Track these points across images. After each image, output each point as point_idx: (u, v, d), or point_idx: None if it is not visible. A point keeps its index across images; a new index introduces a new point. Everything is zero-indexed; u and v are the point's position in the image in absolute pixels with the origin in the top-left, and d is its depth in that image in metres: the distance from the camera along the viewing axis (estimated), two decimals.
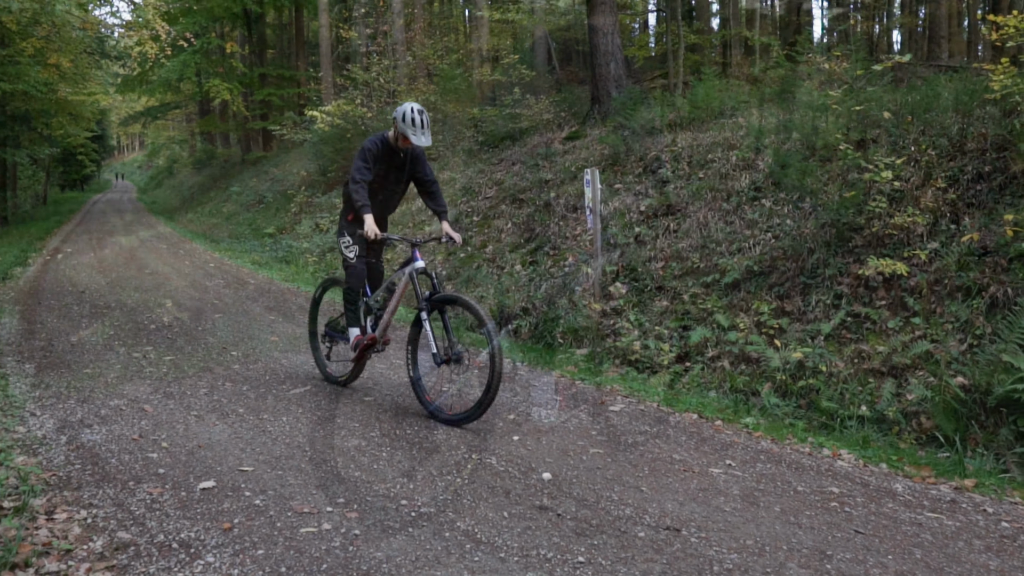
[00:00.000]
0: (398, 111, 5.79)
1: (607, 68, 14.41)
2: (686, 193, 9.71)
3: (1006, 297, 6.20)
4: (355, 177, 5.81)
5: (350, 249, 6.17)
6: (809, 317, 7.11)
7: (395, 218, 14.20)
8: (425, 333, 5.69)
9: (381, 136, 6.02)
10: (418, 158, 6.19)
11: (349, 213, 6.19)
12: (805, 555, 3.67)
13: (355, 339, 6.18)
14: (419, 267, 5.83)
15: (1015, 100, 7.80)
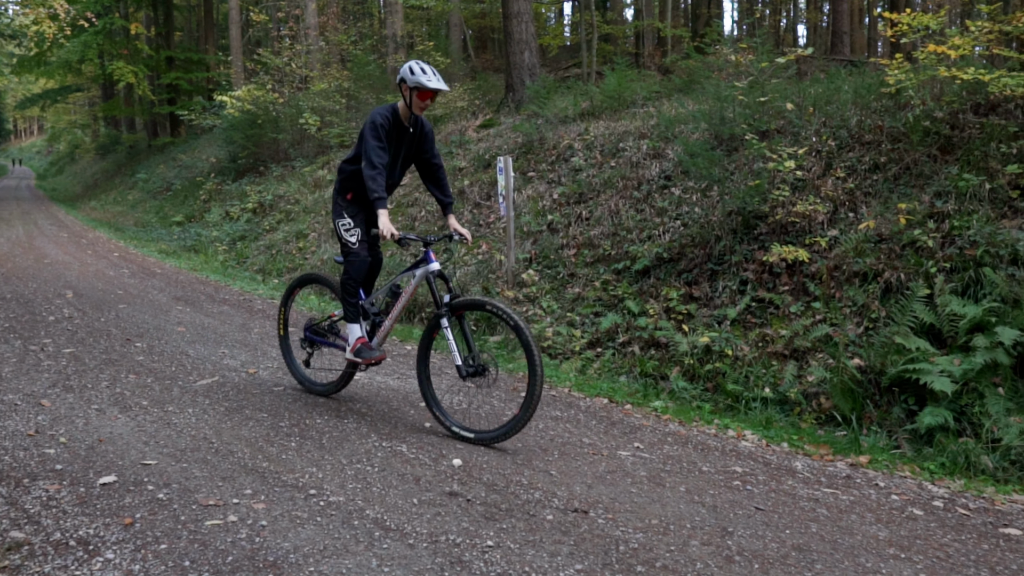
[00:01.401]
0: (402, 70, 5.04)
1: (521, 56, 14.45)
2: (598, 181, 9.83)
3: (899, 282, 6.47)
4: (371, 160, 4.96)
5: (351, 232, 5.34)
6: (716, 303, 7.30)
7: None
8: (448, 344, 5.04)
9: (391, 107, 5.17)
10: (427, 135, 5.41)
11: (348, 191, 5.42)
12: (707, 532, 3.78)
13: (358, 341, 5.38)
14: (434, 269, 5.15)
15: (909, 94, 8.15)
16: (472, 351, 5.00)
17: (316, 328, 5.96)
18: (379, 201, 4.92)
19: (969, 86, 7.78)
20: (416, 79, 4.94)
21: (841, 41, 18.62)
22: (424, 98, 5.05)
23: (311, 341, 5.99)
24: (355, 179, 5.33)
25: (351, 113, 18.18)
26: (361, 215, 5.37)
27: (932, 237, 6.61)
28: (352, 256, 5.34)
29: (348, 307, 5.41)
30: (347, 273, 5.36)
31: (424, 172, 5.56)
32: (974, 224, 6.51)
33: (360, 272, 5.34)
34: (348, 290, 5.38)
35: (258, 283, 12.03)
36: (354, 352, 5.38)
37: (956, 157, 7.39)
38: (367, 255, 5.38)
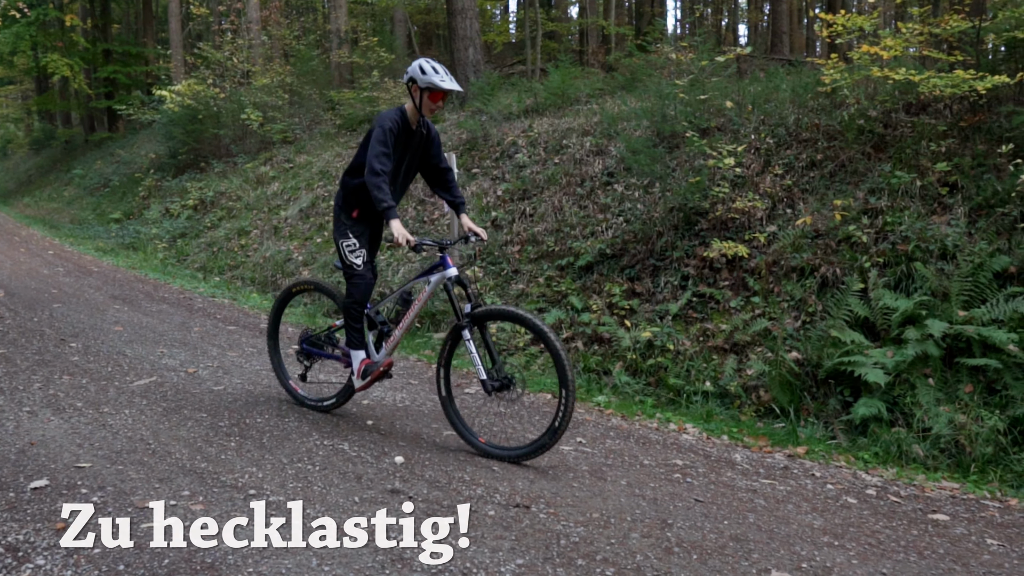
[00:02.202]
0: (411, 69, 4.72)
1: (466, 53, 14.43)
2: (542, 178, 9.86)
3: (835, 276, 6.62)
4: (374, 167, 4.57)
5: (356, 254, 4.98)
6: (658, 298, 7.39)
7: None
8: (471, 358, 4.71)
9: (399, 111, 4.82)
10: (433, 139, 5.07)
11: (353, 208, 5.01)
12: (647, 525, 3.83)
13: (362, 363, 5.08)
14: (452, 275, 4.79)
15: (844, 94, 8.33)
16: (496, 363, 4.69)
17: (313, 339, 5.58)
18: (389, 210, 4.54)
19: (901, 86, 7.98)
20: (428, 79, 4.63)
21: (780, 41, 18.96)
22: (436, 99, 4.74)
23: (308, 353, 5.60)
24: (361, 193, 4.92)
25: (294, 109, 17.96)
26: (367, 234, 5.05)
27: (866, 233, 6.77)
28: (356, 278, 4.99)
29: (353, 333, 5.05)
30: (350, 296, 5.01)
31: (431, 177, 5.22)
32: (906, 220, 6.69)
33: (365, 294, 5.01)
34: (352, 315, 5.03)
35: (199, 281, 11.83)
36: (361, 376, 5.07)
37: (889, 155, 7.58)
38: (372, 276, 5.07)
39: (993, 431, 5.22)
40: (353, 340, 5.08)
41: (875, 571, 3.47)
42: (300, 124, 17.35)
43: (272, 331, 5.87)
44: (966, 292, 6.01)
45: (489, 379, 4.68)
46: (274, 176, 15.26)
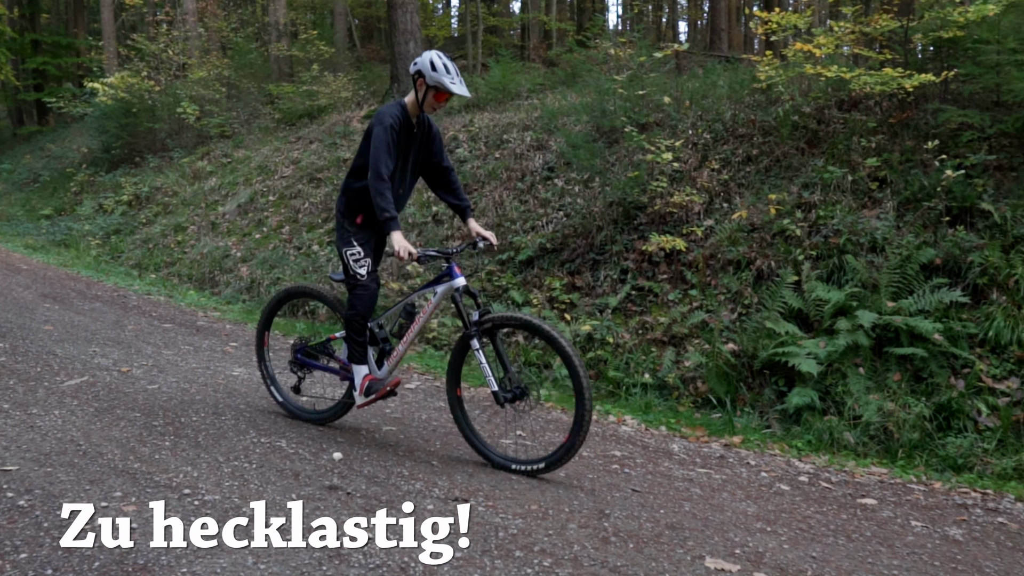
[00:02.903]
0: (422, 62, 4.38)
1: (406, 47, 14.35)
2: (483, 173, 9.87)
3: (769, 269, 6.76)
4: (378, 170, 4.27)
5: (360, 263, 4.64)
6: (598, 292, 7.45)
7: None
8: (481, 368, 4.47)
9: (399, 105, 4.50)
10: (435, 136, 4.74)
11: (357, 213, 4.67)
12: (585, 515, 3.87)
13: (366, 379, 4.74)
14: (460, 285, 4.53)
15: (779, 90, 8.50)
16: (508, 372, 4.45)
17: (308, 349, 5.25)
18: (391, 222, 4.29)
19: (833, 83, 8.17)
20: (438, 78, 4.33)
21: (719, 38, 19.24)
22: (441, 99, 4.46)
23: (302, 364, 5.26)
24: (364, 197, 4.58)
25: (232, 102, 17.66)
26: (372, 242, 4.74)
27: (800, 226, 6.92)
28: (360, 289, 4.66)
29: (355, 347, 4.74)
30: (354, 308, 4.66)
31: (433, 178, 4.87)
32: (838, 214, 6.86)
33: (369, 306, 4.69)
34: (354, 327, 4.69)
35: (134, 278, 11.56)
36: (364, 392, 4.74)
37: (822, 150, 7.76)
38: (376, 287, 4.74)
39: (919, 417, 5.38)
40: (356, 354, 4.76)
41: (805, 555, 3.56)
42: (238, 118, 17.07)
43: (260, 340, 5.52)
44: (894, 284, 6.19)
45: (501, 390, 4.42)
46: (211, 171, 14.99)
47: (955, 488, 4.73)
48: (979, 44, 7.23)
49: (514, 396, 4.42)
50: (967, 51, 7.57)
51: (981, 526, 4.14)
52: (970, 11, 7.28)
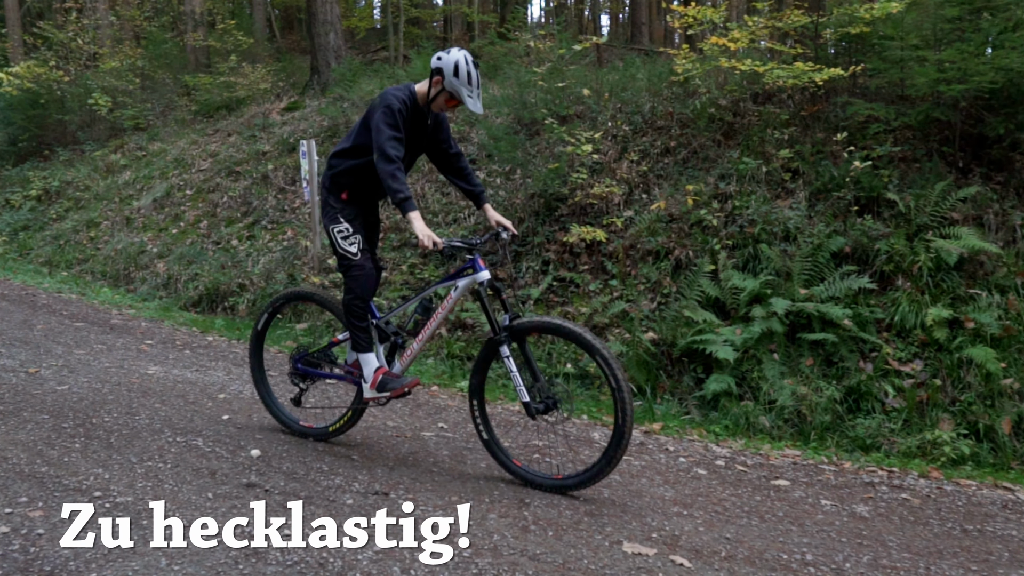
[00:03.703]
0: (446, 61, 4.09)
1: (327, 38, 14.17)
2: None
3: (687, 259, 6.88)
4: (387, 152, 3.96)
5: (350, 240, 4.29)
6: (520, 283, 7.48)
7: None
8: (512, 377, 4.15)
9: (408, 89, 4.22)
10: (442, 122, 4.48)
11: (343, 189, 4.36)
12: (505, 505, 3.89)
13: (378, 373, 4.34)
14: (485, 279, 4.17)
15: (696, 83, 8.65)
16: (539, 381, 4.12)
17: (309, 358, 4.81)
18: (407, 202, 3.95)
19: (748, 76, 8.35)
20: (457, 86, 4.08)
21: (640, 31, 19.47)
22: (451, 104, 4.23)
23: (303, 374, 4.84)
24: (353, 174, 4.34)
25: (147, 94, 17.14)
26: (361, 218, 4.40)
27: (716, 216, 7.06)
28: (355, 270, 4.29)
29: (358, 333, 4.36)
30: (351, 291, 4.32)
31: (442, 164, 4.61)
32: (752, 204, 7.02)
33: (367, 288, 4.32)
34: (355, 312, 4.32)
35: (44, 276, 11.16)
36: (376, 386, 4.33)
37: (737, 142, 7.93)
38: (372, 267, 4.38)
39: (831, 400, 5.56)
40: (360, 342, 4.36)
41: (719, 536, 3.65)
42: (153, 110, 16.59)
43: (255, 350, 5.02)
44: (806, 271, 6.38)
45: (533, 401, 4.10)
46: (126, 164, 14.54)
47: (863, 467, 4.91)
48: (884, 40, 7.47)
49: (546, 408, 4.10)
50: (873, 47, 7.82)
51: (886, 502, 4.31)
52: (876, 8, 7.53)
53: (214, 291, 8.98)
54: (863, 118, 7.47)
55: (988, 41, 6.66)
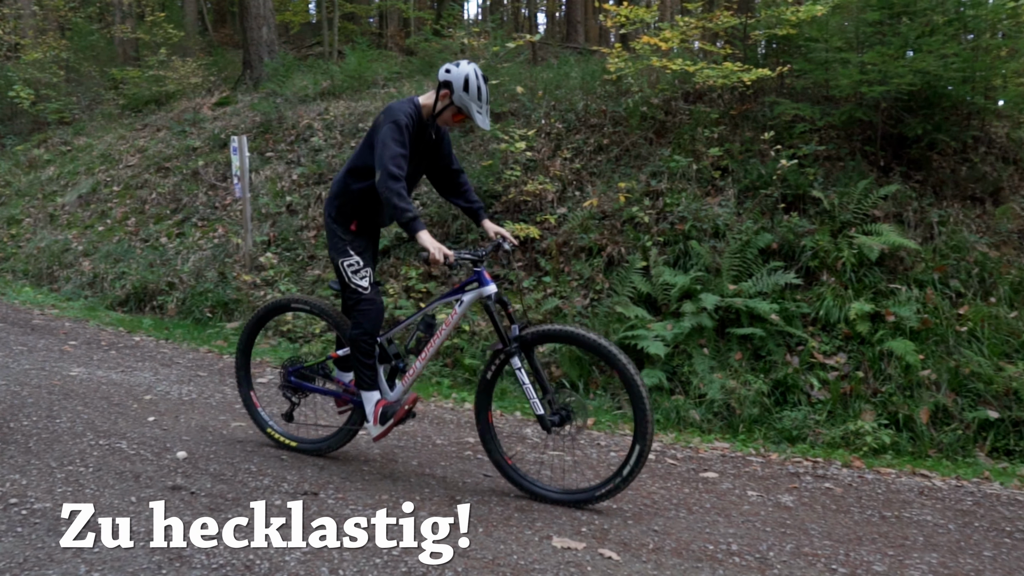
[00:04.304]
0: (455, 75, 3.89)
1: (259, 32, 13.95)
2: (338, 162, 9.71)
3: (619, 255, 6.96)
4: (391, 171, 3.76)
5: (361, 274, 4.10)
6: (454, 280, 7.47)
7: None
8: (524, 390, 3.97)
9: (413, 103, 4.01)
10: (444, 137, 4.28)
11: (351, 219, 4.16)
12: (436, 503, 3.88)
13: (379, 406, 4.16)
14: (492, 292, 4.01)
15: (628, 82, 8.74)
16: (548, 392, 3.97)
17: (302, 370, 4.56)
18: (416, 221, 3.77)
19: (679, 76, 8.47)
20: (467, 102, 3.91)
21: (575, 30, 19.60)
22: (458, 119, 4.04)
23: (295, 387, 4.59)
24: (364, 201, 4.11)
25: (72, 87, 16.65)
26: (370, 250, 4.24)
27: (648, 213, 7.15)
28: (365, 304, 4.11)
29: (364, 371, 4.15)
30: (359, 326, 4.11)
31: (442, 182, 4.41)
32: (683, 201, 7.13)
33: (376, 323, 4.13)
34: (362, 348, 4.11)
35: None
36: (379, 421, 4.15)
37: (668, 140, 8.04)
38: (381, 300, 4.21)
39: (759, 394, 5.68)
40: (364, 379, 4.17)
41: (648, 529, 3.70)
42: (79, 104, 16.12)
43: (242, 360, 4.75)
44: (735, 267, 6.50)
45: (547, 413, 3.94)
46: (49, 160, 14.09)
47: (789, 458, 5.03)
48: (810, 42, 7.66)
49: (561, 419, 3.96)
50: (800, 48, 8.00)
51: (810, 492, 4.42)
52: (801, 11, 7.71)
53: (142, 290, 8.77)
54: (790, 118, 7.65)
55: (907, 45, 6.87)
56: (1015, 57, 7.09)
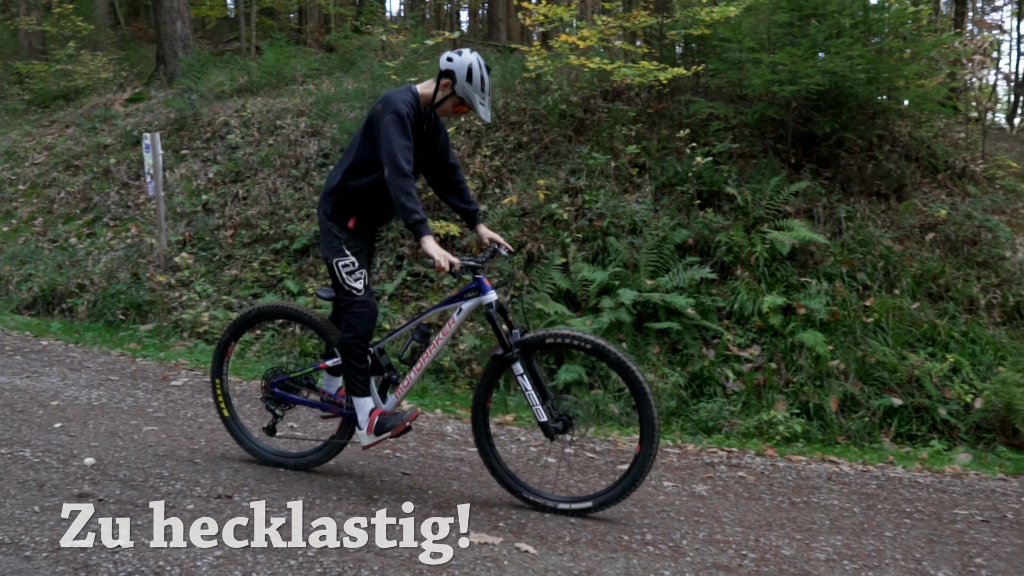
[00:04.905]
0: (458, 64, 3.74)
1: (173, 26, 13.60)
2: (255, 159, 9.54)
3: (539, 252, 7.01)
4: (400, 165, 3.61)
5: (356, 275, 3.90)
6: (375, 278, 7.42)
7: None
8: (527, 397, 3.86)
9: (411, 92, 3.83)
10: (442, 129, 4.08)
11: (349, 216, 3.93)
12: (353, 502, 3.85)
13: (374, 414, 3.96)
14: (493, 299, 3.85)
15: (548, 80, 8.80)
16: (548, 398, 3.85)
17: (287, 382, 4.32)
18: (423, 225, 3.61)
19: (597, 74, 8.57)
20: (470, 93, 3.76)
21: (497, 28, 19.62)
22: (460, 110, 3.90)
23: (279, 399, 4.34)
24: (361, 197, 3.91)
25: None
26: (366, 251, 4.04)
27: (567, 210, 7.22)
28: (358, 306, 3.91)
29: (356, 376, 3.95)
30: (351, 330, 3.90)
31: (436, 178, 4.20)
32: (601, 198, 7.22)
33: (369, 327, 3.96)
34: (354, 353, 3.91)
35: None
36: (373, 430, 3.94)
37: (587, 138, 8.13)
38: (375, 303, 4.05)
39: (676, 386, 5.80)
40: (356, 386, 3.97)
41: (565, 521, 3.74)
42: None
43: (217, 370, 4.43)
44: (652, 263, 6.61)
45: (550, 420, 3.82)
46: None
47: (705, 449, 5.14)
48: (724, 42, 7.84)
49: (564, 426, 3.87)
50: (714, 48, 8.18)
51: (724, 481, 4.53)
52: (715, 12, 7.88)
53: (50, 292, 8.46)
54: (705, 116, 7.81)
55: (816, 46, 7.07)
56: (916, 60, 7.38)
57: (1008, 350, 5.90)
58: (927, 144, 8.10)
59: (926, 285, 6.46)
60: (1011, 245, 6.85)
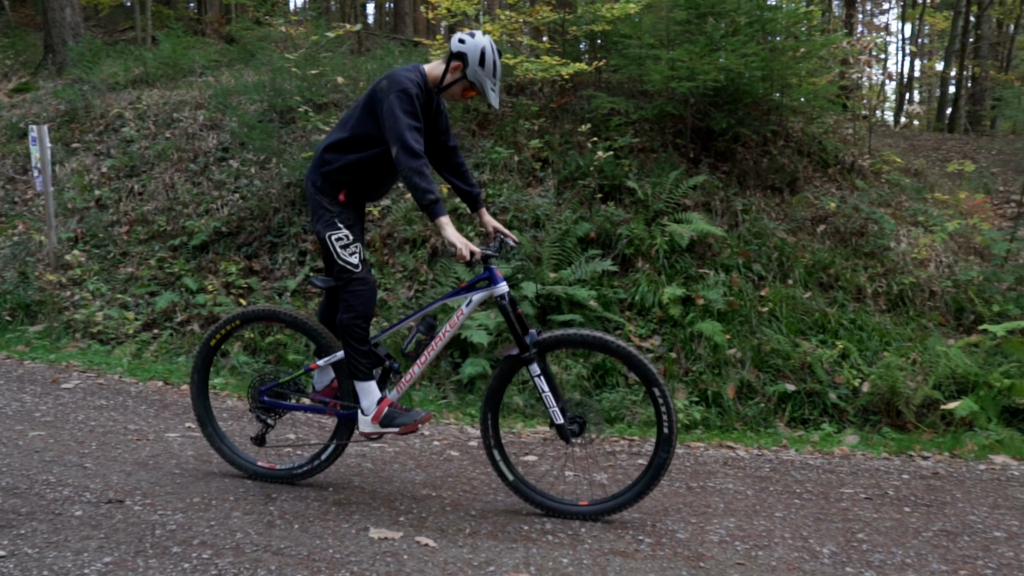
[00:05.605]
0: (471, 46, 3.60)
1: (62, 13, 13.05)
2: (152, 153, 9.24)
3: (443, 247, 6.99)
4: (410, 145, 3.45)
5: (350, 249, 3.71)
6: (276, 275, 7.29)
7: None
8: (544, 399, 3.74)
9: (419, 71, 3.69)
10: (442, 111, 3.94)
11: (339, 189, 3.75)
12: (250, 502, 3.79)
13: (383, 405, 3.77)
14: (505, 291, 3.70)
15: None
16: (561, 400, 3.75)
17: (276, 389, 4.08)
18: (437, 205, 3.46)
19: None
20: (481, 78, 3.62)
21: (403, 21, 19.49)
22: (469, 95, 3.76)
23: (268, 407, 4.09)
24: (353, 171, 3.74)
25: None
26: (358, 225, 3.85)
27: None
28: (356, 283, 3.72)
29: (358, 358, 3.75)
30: (351, 309, 3.71)
31: (438, 159, 4.03)
32: (505, 192, 7.26)
33: (370, 305, 3.77)
34: (355, 334, 3.72)
35: None
36: (380, 421, 3.75)
37: (491, 132, 8.16)
38: (374, 279, 3.87)
39: (579, 377, 5.88)
40: (360, 368, 3.77)
41: (466, 514, 3.76)
42: None
43: (200, 381, 4.20)
44: (555, 256, 6.68)
45: (567, 423, 3.73)
46: None
47: (608, 438, 5.23)
48: (624, 39, 7.97)
49: (580, 428, 3.77)
50: (615, 44, 8.31)
51: (624, 469, 4.62)
52: (616, 8, 8.00)
53: None
54: (606, 111, 7.93)
55: (713, 43, 7.26)
56: (807, 58, 7.65)
57: (892, 336, 6.19)
58: (818, 140, 8.41)
59: (817, 275, 6.71)
60: (895, 236, 7.18)
